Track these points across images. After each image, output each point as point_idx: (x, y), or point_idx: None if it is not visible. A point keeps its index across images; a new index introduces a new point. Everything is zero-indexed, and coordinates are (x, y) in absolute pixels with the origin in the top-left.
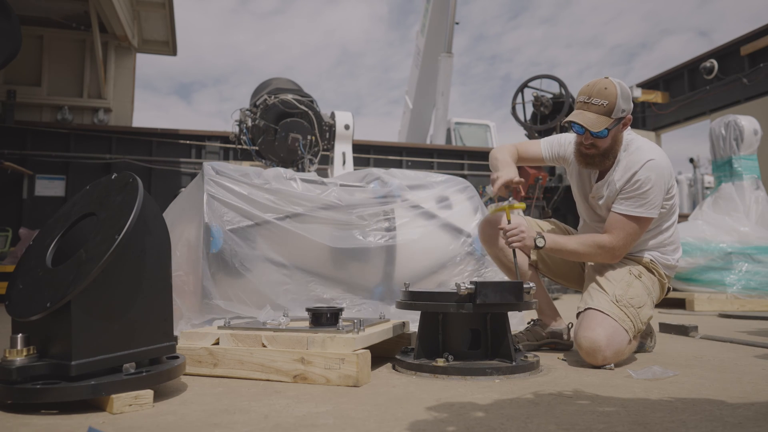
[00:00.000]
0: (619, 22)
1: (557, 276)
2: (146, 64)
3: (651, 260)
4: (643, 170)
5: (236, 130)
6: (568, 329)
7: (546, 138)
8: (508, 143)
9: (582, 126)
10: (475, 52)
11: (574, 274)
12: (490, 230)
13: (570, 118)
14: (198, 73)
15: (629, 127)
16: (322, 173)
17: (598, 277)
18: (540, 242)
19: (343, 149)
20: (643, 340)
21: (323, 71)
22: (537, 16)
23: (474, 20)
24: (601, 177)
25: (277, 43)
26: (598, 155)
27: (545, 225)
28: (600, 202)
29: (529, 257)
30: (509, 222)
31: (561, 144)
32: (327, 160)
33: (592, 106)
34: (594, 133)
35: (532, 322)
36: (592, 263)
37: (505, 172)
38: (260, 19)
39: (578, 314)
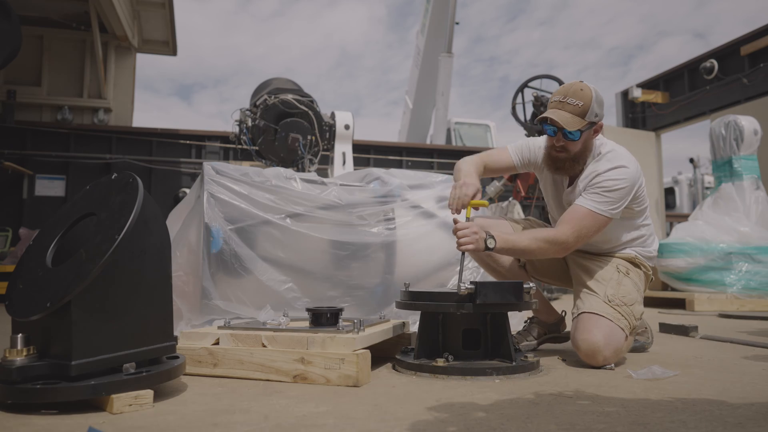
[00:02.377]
0: (616, 24)
1: (544, 276)
2: (147, 65)
3: (635, 255)
4: (611, 172)
5: (236, 130)
6: (563, 319)
7: (513, 144)
8: (475, 155)
9: (556, 124)
10: (473, 53)
11: (560, 273)
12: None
13: (545, 114)
14: (198, 74)
15: (602, 135)
16: (322, 173)
17: (587, 280)
18: (491, 243)
19: (343, 149)
20: (640, 338)
21: (322, 72)
22: (534, 18)
23: (472, 22)
24: (571, 183)
25: (277, 45)
26: (568, 159)
27: (517, 226)
28: (568, 199)
29: (518, 260)
30: (467, 219)
31: (530, 149)
32: (327, 160)
33: (567, 106)
34: (567, 133)
35: (528, 321)
36: (576, 263)
37: (465, 189)
38: (260, 21)
39: (573, 319)
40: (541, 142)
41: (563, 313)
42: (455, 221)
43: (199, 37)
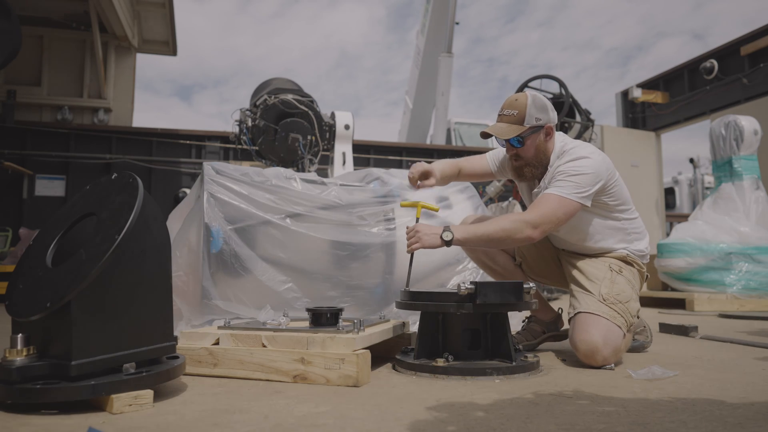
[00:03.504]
0: (615, 25)
1: (538, 275)
2: (147, 66)
3: (627, 254)
4: (571, 162)
5: (236, 130)
6: (560, 316)
7: (491, 152)
8: (453, 159)
9: (492, 135)
10: (472, 54)
11: (554, 273)
12: None
13: (484, 130)
14: (198, 75)
15: (570, 141)
16: (322, 173)
17: (580, 279)
18: (447, 236)
19: (343, 149)
20: (639, 337)
21: (322, 73)
22: (533, 19)
23: (471, 23)
24: (538, 183)
25: (277, 46)
26: (525, 166)
27: None
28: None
29: (514, 258)
30: (417, 221)
31: (504, 158)
32: (327, 160)
33: (504, 117)
34: (510, 141)
35: (526, 320)
36: (570, 263)
37: (412, 167)
38: (260, 22)
39: (570, 320)
40: None
41: (560, 310)
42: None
43: (200, 38)
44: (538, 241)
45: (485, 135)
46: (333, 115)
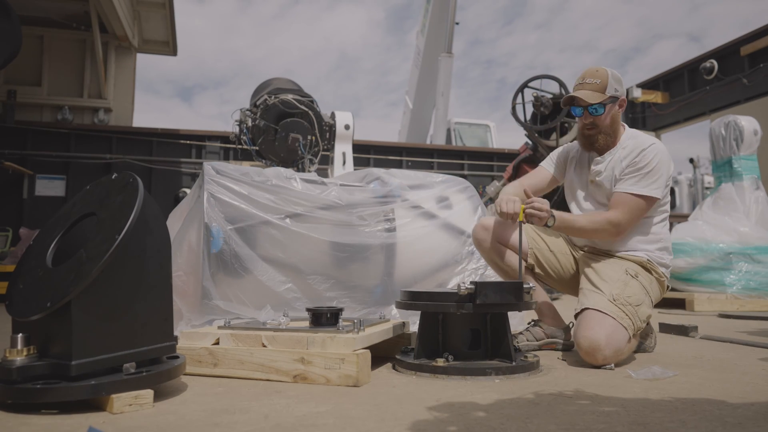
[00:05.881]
0: (612, 28)
1: (551, 279)
2: (148, 67)
3: (648, 260)
4: (651, 148)
5: (236, 130)
6: (569, 329)
7: (544, 161)
8: (515, 181)
9: (579, 102)
10: (471, 56)
11: (569, 278)
12: (483, 234)
13: (570, 94)
14: (199, 76)
15: (635, 129)
16: (322, 173)
17: (593, 278)
18: (550, 221)
19: (343, 149)
20: (642, 340)
21: (322, 75)
22: (531, 21)
23: (469, 25)
24: (600, 155)
25: (277, 47)
26: (599, 134)
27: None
28: (599, 179)
29: (526, 261)
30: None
31: (560, 151)
32: (327, 160)
33: (587, 85)
34: (591, 109)
35: (532, 323)
36: (586, 264)
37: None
38: (260, 24)
39: (576, 315)
40: (567, 144)
41: (570, 324)
42: (501, 211)
43: (200, 40)
44: (555, 245)
45: (569, 100)
46: (333, 115)
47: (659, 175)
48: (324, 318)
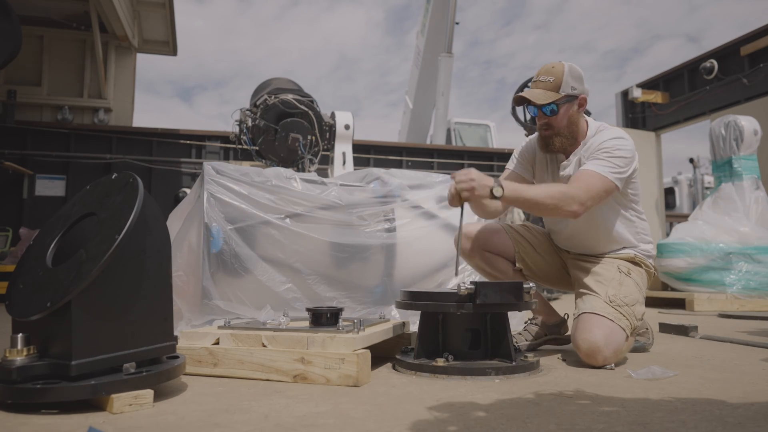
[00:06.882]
0: (611, 29)
1: (540, 279)
2: (148, 67)
3: (635, 255)
4: (614, 140)
5: (236, 130)
6: (564, 321)
7: (509, 162)
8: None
9: (529, 102)
10: (470, 56)
11: (558, 276)
12: (466, 243)
13: (519, 94)
14: (199, 76)
15: (604, 123)
16: (322, 173)
17: (587, 281)
18: (497, 191)
19: (343, 149)
20: (641, 338)
21: (321, 75)
22: (529, 22)
23: (468, 26)
24: (566, 157)
25: (277, 48)
26: (555, 136)
27: (513, 230)
28: (564, 173)
29: (513, 264)
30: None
31: (523, 147)
32: (327, 160)
33: (539, 83)
34: (545, 109)
35: (528, 321)
36: (577, 266)
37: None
38: (260, 25)
39: (574, 319)
40: (531, 140)
41: (566, 316)
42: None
43: (200, 41)
44: (539, 246)
45: (520, 101)
46: (333, 115)
47: (619, 165)
48: (324, 318)
